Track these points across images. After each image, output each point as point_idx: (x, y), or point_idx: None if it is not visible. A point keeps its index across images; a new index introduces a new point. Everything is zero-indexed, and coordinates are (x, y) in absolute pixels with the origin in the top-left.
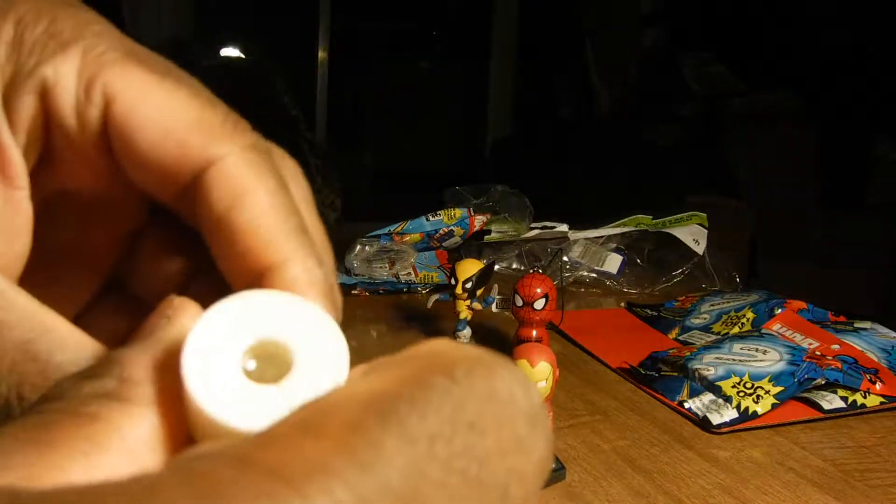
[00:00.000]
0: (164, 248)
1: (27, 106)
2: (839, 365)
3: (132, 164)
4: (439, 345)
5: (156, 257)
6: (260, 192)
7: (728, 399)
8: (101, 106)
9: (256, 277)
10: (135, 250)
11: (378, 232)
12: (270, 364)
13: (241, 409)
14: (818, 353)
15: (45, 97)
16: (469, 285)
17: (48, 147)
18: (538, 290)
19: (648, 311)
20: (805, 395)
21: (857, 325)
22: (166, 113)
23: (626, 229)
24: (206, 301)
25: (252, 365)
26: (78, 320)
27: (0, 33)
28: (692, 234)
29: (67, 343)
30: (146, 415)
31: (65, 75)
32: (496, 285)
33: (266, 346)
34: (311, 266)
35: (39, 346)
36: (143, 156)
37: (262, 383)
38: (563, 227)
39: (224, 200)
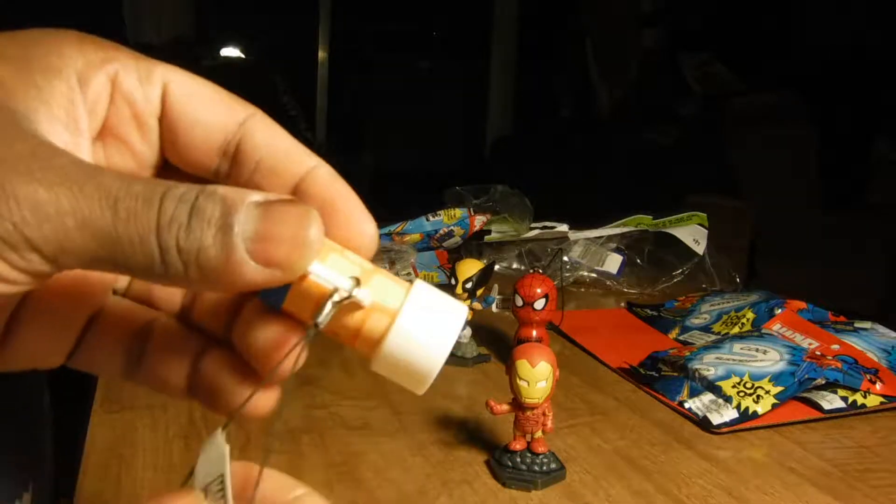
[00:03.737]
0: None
1: (101, 83)
2: (839, 365)
3: (189, 127)
4: None
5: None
6: (282, 133)
7: (728, 399)
8: (161, 86)
9: (295, 183)
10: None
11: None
12: None
13: None
14: (818, 353)
15: (115, 80)
16: (469, 285)
17: (109, 123)
18: (538, 290)
19: (648, 311)
20: (805, 395)
21: (857, 325)
22: (210, 89)
23: (626, 229)
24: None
25: None
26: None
27: (65, 41)
28: (692, 234)
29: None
30: None
31: (127, 66)
32: (496, 285)
33: None
34: (326, 165)
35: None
36: (199, 116)
37: None
38: (563, 227)
39: (266, 139)
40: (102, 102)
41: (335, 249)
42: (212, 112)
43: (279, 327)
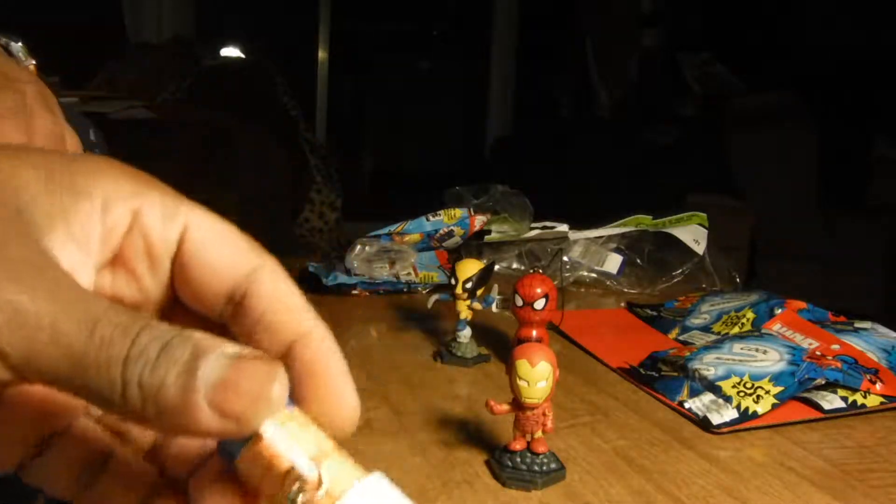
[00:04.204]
0: None
1: (122, 213)
2: (839, 365)
3: (200, 271)
4: None
5: None
6: (289, 288)
7: (728, 399)
8: (181, 226)
9: (291, 342)
10: None
11: (378, 232)
12: None
13: None
14: (818, 353)
15: (137, 214)
16: (469, 285)
17: (123, 254)
18: (538, 290)
19: (648, 311)
20: (805, 395)
21: (857, 325)
22: (227, 236)
23: (626, 229)
24: None
25: None
26: None
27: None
28: (692, 234)
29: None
30: None
31: (153, 203)
32: (496, 285)
33: None
34: (325, 331)
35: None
36: (211, 261)
37: None
38: (563, 227)
39: (272, 293)
40: (119, 232)
41: (299, 419)
42: (225, 260)
43: (229, 494)
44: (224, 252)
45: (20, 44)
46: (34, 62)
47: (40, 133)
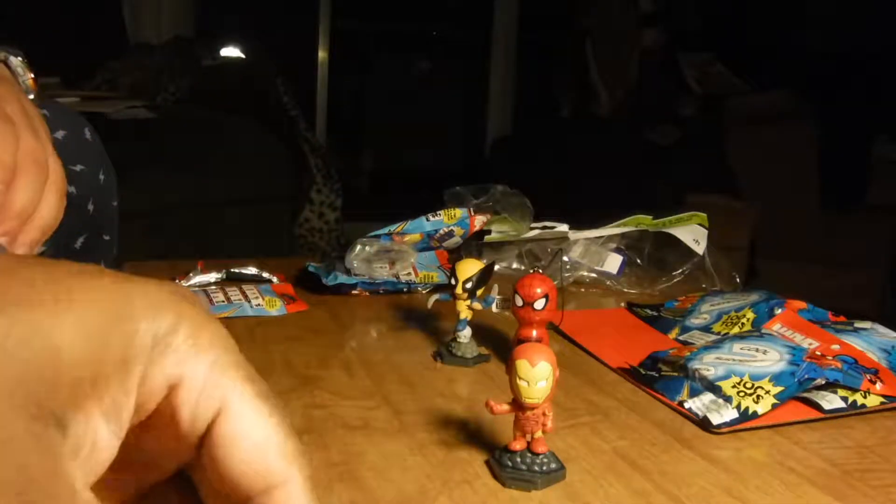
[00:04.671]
0: None
1: (158, 385)
2: (839, 365)
3: (219, 465)
4: None
5: None
6: None
7: (728, 399)
8: (215, 410)
9: None
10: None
11: (378, 232)
12: None
13: None
14: (818, 353)
15: (175, 390)
16: (469, 285)
17: (150, 422)
18: (538, 290)
19: (648, 311)
20: (805, 395)
21: (857, 325)
22: (261, 431)
23: (626, 229)
24: None
25: None
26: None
27: (162, 324)
28: (692, 234)
29: None
30: None
31: (194, 377)
32: (496, 285)
33: None
34: None
35: None
36: (232, 465)
37: None
38: (563, 227)
39: None
40: (149, 407)
41: None
42: (248, 467)
43: None
44: (250, 457)
45: (20, 58)
46: (32, 76)
47: (25, 158)
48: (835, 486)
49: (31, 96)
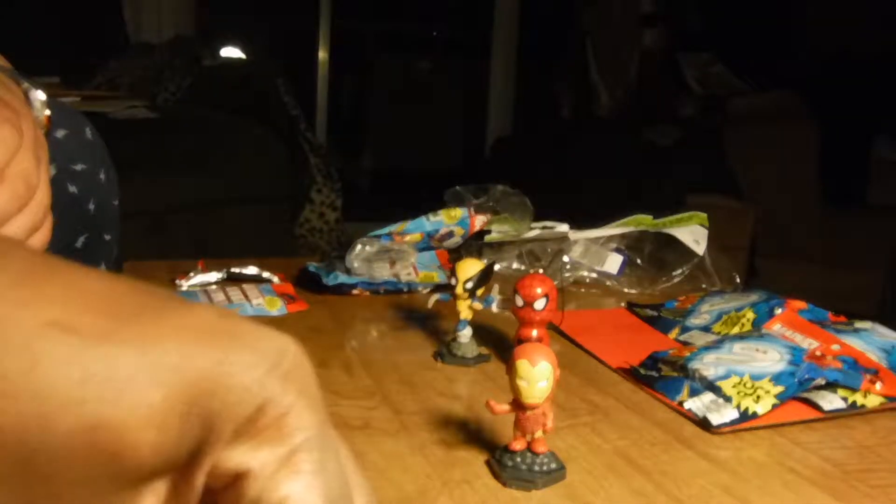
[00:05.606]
0: None
1: (226, 473)
2: (839, 365)
3: None
4: None
5: None
6: None
7: (728, 399)
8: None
9: None
10: None
11: (378, 232)
12: None
13: None
14: (818, 353)
15: (240, 478)
16: (469, 285)
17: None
18: (538, 290)
19: (648, 311)
20: (805, 395)
21: (857, 325)
22: None
23: (626, 229)
24: None
25: None
26: None
27: (247, 409)
28: (692, 234)
29: None
30: None
31: (264, 473)
32: (496, 285)
33: None
34: None
35: None
36: None
37: None
38: (563, 227)
39: None
40: (216, 487)
41: None
42: None
43: None
44: None
45: (41, 94)
46: (48, 113)
47: (15, 172)
48: (835, 486)
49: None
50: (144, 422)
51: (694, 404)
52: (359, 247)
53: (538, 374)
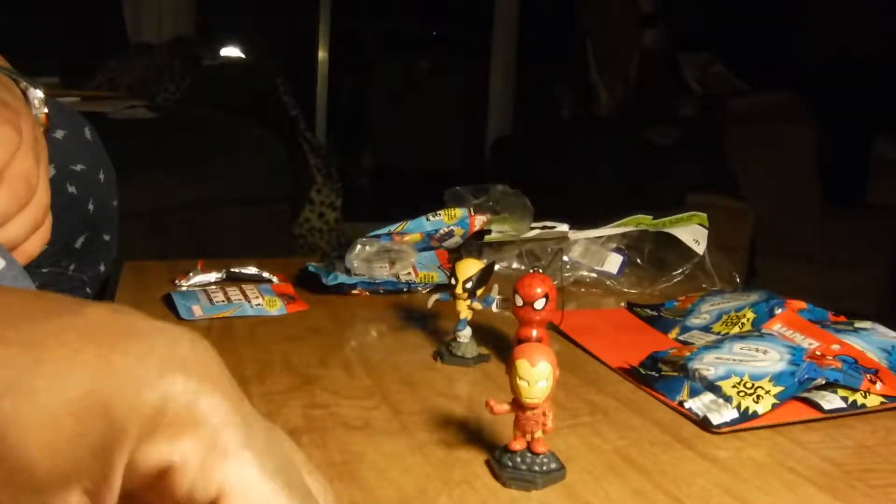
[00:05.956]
0: None
1: (147, 469)
2: (839, 365)
3: None
4: None
5: None
6: None
7: (728, 399)
8: (213, 495)
9: None
10: None
11: (378, 232)
12: None
13: None
14: (818, 353)
15: (167, 474)
16: (469, 285)
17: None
18: (538, 290)
19: (648, 311)
20: (805, 395)
21: (857, 325)
22: None
23: (626, 229)
24: None
25: None
26: None
27: (148, 403)
28: (692, 234)
29: None
30: None
31: (189, 465)
32: (496, 285)
33: None
34: None
35: None
36: None
37: None
38: (563, 227)
39: None
40: (142, 487)
41: None
42: None
43: None
44: None
45: (40, 92)
46: (46, 111)
47: (15, 172)
48: (835, 486)
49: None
50: (34, 423)
51: (694, 404)
52: (358, 247)
53: (538, 374)
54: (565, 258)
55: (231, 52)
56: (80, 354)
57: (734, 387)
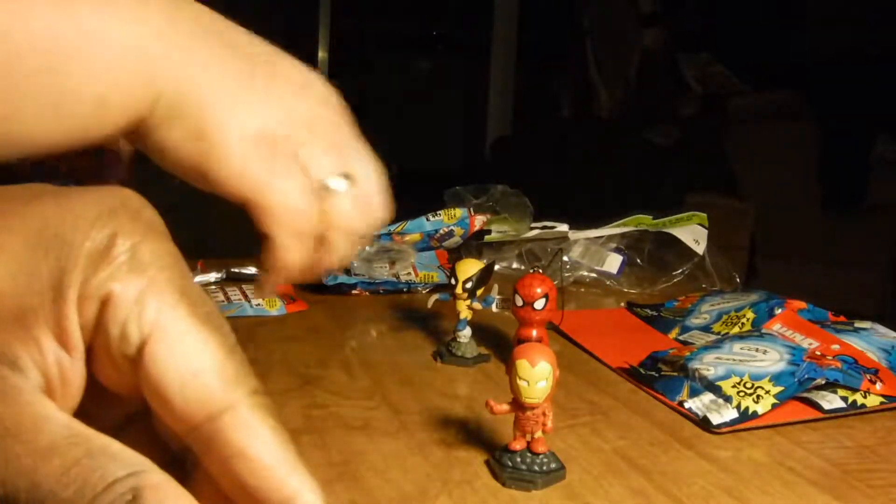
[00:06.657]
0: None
1: (92, 306)
2: (839, 365)
3: (155, 394)
4: None
5: None
6: (267, 434)
7: (728, 399)
8: (146, 333)
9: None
10: None
11: (378, 232)
12: None
13: None
14: (818, 353)
15: (105, 306)
16: (469, 285)
17: (95, 344)
18: (538, 290)
19: (648, 311)
20: (805, 395)
21: (857, 325)
22: (196, 359)
23: (626, 229)
24: None
25: None
26: None
27: (96, 239)
28: (692, 234)
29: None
30: None
31: (126, 296)
32: (496, 285)
33: None
34: (314, 498)
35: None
36: (166, 391)
37: None
38: (563, 227)
39: (239, 440)
40: (91, 326)
41: None
42: (181, 394)
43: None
44: (183, 383)
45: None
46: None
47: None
48: (835, 486)
49: None
50: None
51: (694, 404)
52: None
53: (538, 374)
54: (565, 258)
55: None
56: (36, 214)
57: (734, 387)
